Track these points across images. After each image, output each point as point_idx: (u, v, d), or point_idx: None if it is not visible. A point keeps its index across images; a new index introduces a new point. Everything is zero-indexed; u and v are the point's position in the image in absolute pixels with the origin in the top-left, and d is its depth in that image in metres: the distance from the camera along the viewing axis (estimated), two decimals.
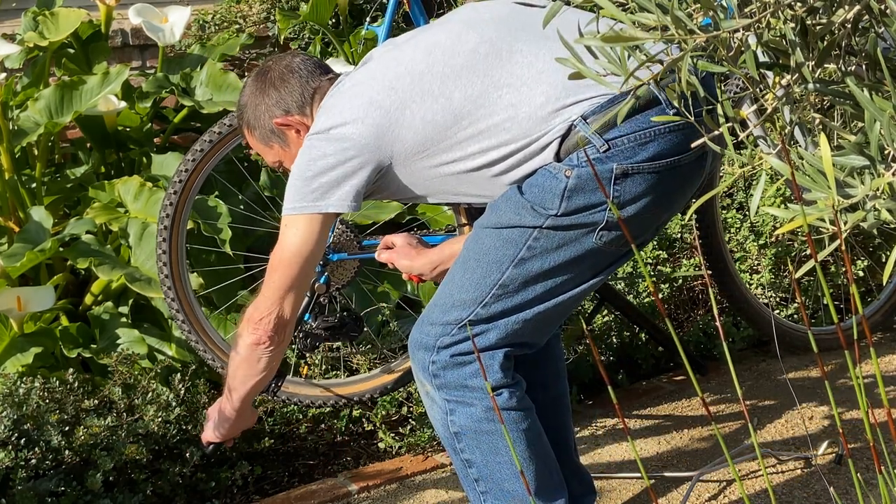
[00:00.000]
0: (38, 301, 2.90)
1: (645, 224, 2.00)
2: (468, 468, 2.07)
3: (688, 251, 3.47)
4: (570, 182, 1.89)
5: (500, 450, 2.03)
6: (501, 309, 2.00)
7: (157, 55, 3.46)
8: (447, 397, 2.04)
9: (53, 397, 2.57)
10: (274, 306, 2.06)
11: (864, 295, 3.57)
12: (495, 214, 2.00)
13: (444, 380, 2.03)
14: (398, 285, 3.12)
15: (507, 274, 1.98)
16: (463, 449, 2.05)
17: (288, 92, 2.14)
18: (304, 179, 2.00)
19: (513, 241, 1.97)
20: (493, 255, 1.99)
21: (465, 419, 2.03)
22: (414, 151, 1.98)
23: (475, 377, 2.01)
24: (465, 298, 2.01)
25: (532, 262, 1.97)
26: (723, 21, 1.06)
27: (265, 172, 3.20)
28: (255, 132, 2.20)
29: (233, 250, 2.92)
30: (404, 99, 1.97)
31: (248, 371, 2.15)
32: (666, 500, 2.58)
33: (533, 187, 1.94)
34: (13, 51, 3.23)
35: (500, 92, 1.94)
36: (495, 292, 1.99)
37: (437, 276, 2.29)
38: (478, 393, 2.01)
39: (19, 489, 2.39)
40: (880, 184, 1.01)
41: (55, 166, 3.42)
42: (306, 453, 2.92)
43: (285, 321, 2.07)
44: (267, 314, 2.06)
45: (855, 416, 3.00)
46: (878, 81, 1.10)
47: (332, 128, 2.00)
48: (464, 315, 2.01)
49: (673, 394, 3.20)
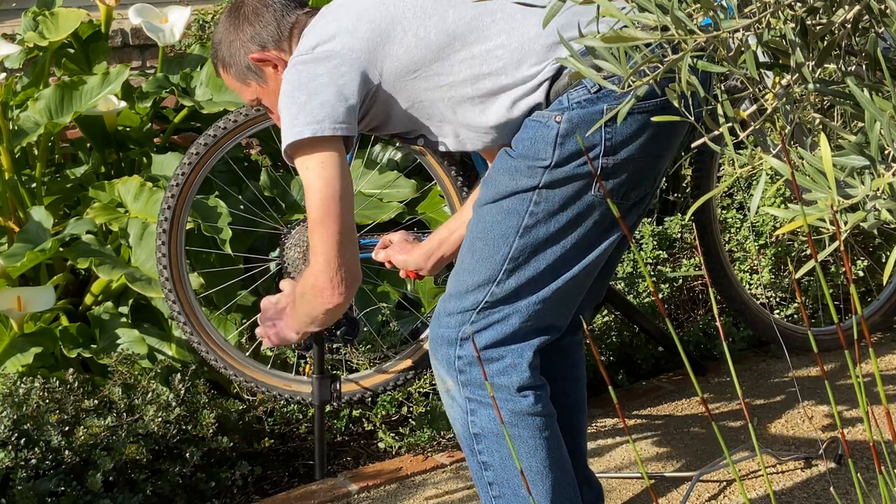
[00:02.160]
0: (39, 301, 2.90)
1: (641, 171, 1.92)
2: (484, 471, 1.99)
3: (688, 251, 3.47)
4: (561, 127, 1.84)
5: (520, 455, 1.96)
6: (516, 284, 1.92)
7: (157, 55, 3.46)
8: (470, 395, 1.96)
9: (53, 397, 2.58)
10: (335, 268, 1.94)
11: (864, 295, 3.57)
12: (491, 188, 1.94)
13: (470, 376, 1.95)
14: (398, 285, 3.13)
15: (515, 245, 1.90)
16: (481, 451, 1.98)
17: (263, 26, 2.06)
18: (299, 105, 1.89)
19: (514, 211, 1.90)
20: (496, 229, 1.92)
21: (486, 421, 1.96)
22: (405, 70, 1.91)
23: (502, 374, 1.94)
24: (477, 280, 1.94)
25: (537, 228, 1.90)
26: (723, 21, 1.06)
27: (265, 172, 3.21)
28: (231, 70, 2.12)
29: (233, 250, 2.92)
30: (395, 15, 1.91)
31: (319, 322, 2.09)
32: (666, 500, 2.58)
33: (523, 141, 1.89)
34: (13, 51, 3.23)
35: (494, 17, 1.88)
36: (507, 267, 1.91)
37: (433, 267, 2.27)
38: (503, 393, 1.94)
39: (19, 489, 2.39)
40: (880, 184, 1.01)
41: (55, 166, 3.42)
42: (306, 453, 2.92)
43: (355, 275, 1.98)
44: (332, 277, 1.95)
45: (855, 416, 3.00)
46: (878, 81, 1.10)
47: (317, 45, 1.91)
48: (480, 297, 1.93)
49: (673, 394, 3.20)
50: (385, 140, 3.35)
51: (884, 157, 1.02)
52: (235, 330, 2.97)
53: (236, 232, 2.97)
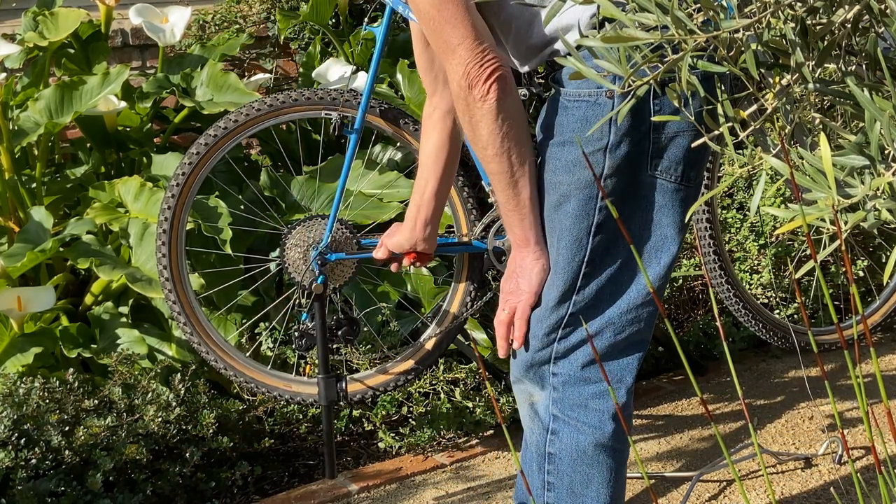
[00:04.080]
0: (39, 301, 2.90)
1: (693, 150, 1.74)
2: (546, 490, 1.86)
3: (688, 251, 3.47)
4: (615, 103, 1.68)
5: (591, 482, 1.83)
6: (596, 289, 1.77)
7: (157, 55, 3.47)
8: (557, 414, 1.82)
9: (53, 397, 2.58)
10: (475, 55, 1.67)
11: (864, 295, 3.57)
12: (553, 191, 1.77)
13: (563, 394, 1.81)
14: (398, 285, 3.12)
15: (590, 246, 1.75)
16: (550, 471, 1.85)
17: None
18: None
19: (583, 214, 1.74)
20: (568, 236, 1.76)
21: (568, 443, 1.83)
22: None
23: (598, 398, 1.80)
24: (557, 295, 1.78)
25: (607, 225, 1.74)
26: (723, 21, 1.06)
27: (265, 172, 3.21)
28: None
29: (233, 251, 2.92)
30: None
31: (502, 133, 1.73)
32: (666, 500, 2.58)
33: (573, 124, 1.73)
34: (13, 51, 3.23)
35: None
36: (585, 271, 1.76)
37: (427, 236, 2.24)
38: (594, 419, 1.81)
39: (19, 489, 2.39)
40: (880, 183, 1.01)
41: (55, 166, 3.43)
42: (306, 453, 2.92)
43: (501, 59, 1.70)
44: (480, 62, 1.68)
45: (855, 416, 3.00)
46: (878, 81, 1.10)
47: None
48: (563, 312, 1.78)
49: (673, 394, 3.20)
50: (385, 140, 3.36)
51: (884, 156, 1.02)
52: (235, 330, 2.97)
53: (236, 232, 2.97)
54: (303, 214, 3.01)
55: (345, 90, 2.69)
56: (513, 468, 2.77)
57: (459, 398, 2.92)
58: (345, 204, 2.94)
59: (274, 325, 2.98)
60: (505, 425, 1.37)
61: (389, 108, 2.68)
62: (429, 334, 2.70)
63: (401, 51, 3.56)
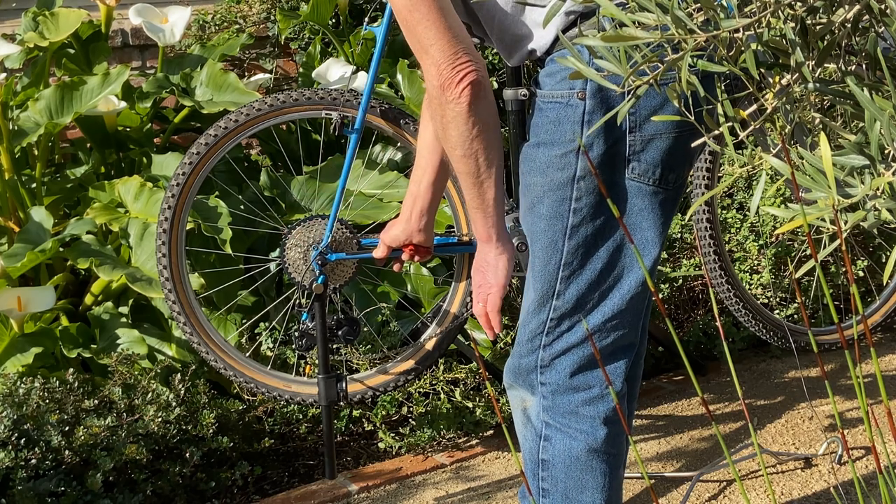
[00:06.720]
0: (39, 301, 2.90)
1: (673, 150, 1.73)
2: (542, 497, 1.87)
3: (688, 251, 3.47)
4: (587, 105, 1.68)
5: (585, 488, 1.84)
6: (577, 293, 1.77)
7: (157, 55, 3.46)
8: (549, 421, 1.84)
9: (53, 397, 2.58)
10: (447, 56, 1.66)
11: (864, 295, 3.57)
12: (527, 194, 1.79)
13: (553, 402, 1.83)
14: (398, 285, 3.12)
15: (566, 249, 1.75)
16: (544, 478, 1.86)
17: None
18: None
19: (556, 215, 1.75)
20: (543, 239, 1.77)
21: (560, 450, 1.84)
22: None
23: (588, 405, 1.81)
24: (537, 298, 1.80)
25: (582, 227, 1.74)
26: (723, 20, 1.06)
27: (265, 172, 3.21)
28: None
29: (233, 251, 2.92)
30: None
31: (472, 136, 1.73)
32: (666, 500, 2.58)
33: (546, 125, 1.73)
34: (13, 51, 3.23)
35: None
36: (562, 275, 1.76)
37: (423, 227, 2.23)
38: (586, 424, 1.82)
39: (19, 489, 2.39)
40: (880, 183, 1.01)
41: (55, 166, 3.43)
42: (306, 453, 2.92)
43: (478, 57, 1.69)
44: (453, 61, 1.66)
45: (855, 416, 3.00)
46: (878, 81, 1.10)
47: None
48: (543, 317, 1.80)
49: (673, 394, 3.20)
50: (385, 140, 3.36)
51: (884, 156, 1.02)
52: (235, 330, 2.97)
53: (236, 232, 2.97)
54: (303, 214, 3.00)
55: (345, 90, 2.69)
56: (513, 468, 2.77)
57: (459, 398, 2.92)
58: (345, 204, 2.94)
59: (274, 325, 2.98)
60: (505, 425, 1.37)
61: (390, 108, 2.68)
62: (429, 334, 2.70)
63: (401, 51, 3.56)
